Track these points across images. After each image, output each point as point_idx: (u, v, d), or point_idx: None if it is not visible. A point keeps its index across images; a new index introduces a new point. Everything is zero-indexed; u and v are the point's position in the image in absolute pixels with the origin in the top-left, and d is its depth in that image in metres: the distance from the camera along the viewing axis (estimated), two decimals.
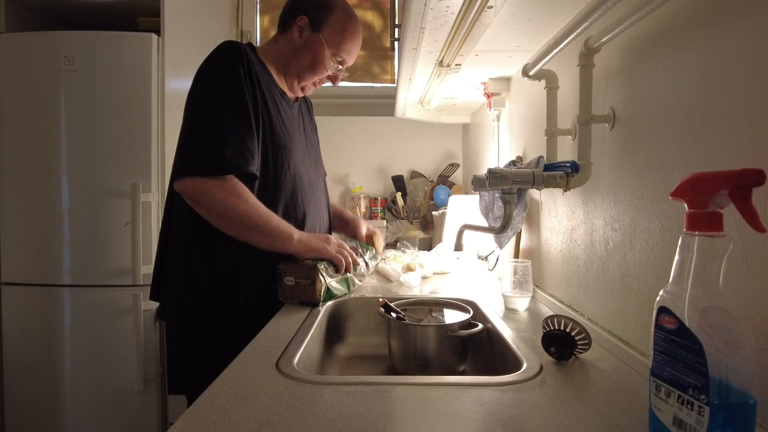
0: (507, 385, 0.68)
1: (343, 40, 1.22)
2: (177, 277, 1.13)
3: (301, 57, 1.21)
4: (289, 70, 1.24)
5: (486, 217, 1.45)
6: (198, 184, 1.03)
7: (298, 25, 1.21)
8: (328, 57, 1.21)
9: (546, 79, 1.08)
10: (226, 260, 1.11)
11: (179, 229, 1.14)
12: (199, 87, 1.10)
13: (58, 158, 1.86)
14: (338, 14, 1.22)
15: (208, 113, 1.06)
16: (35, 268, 1.89)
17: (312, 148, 1.34)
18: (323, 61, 1.22)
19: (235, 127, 1.05)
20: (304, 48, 1.21)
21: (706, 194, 0.45)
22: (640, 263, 0.78)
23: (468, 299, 1.18)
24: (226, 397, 0.64)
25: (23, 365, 1.91)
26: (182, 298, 1.12)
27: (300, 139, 1.26)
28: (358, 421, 0.57)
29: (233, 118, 1.06)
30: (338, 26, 1.21)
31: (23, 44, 1.87)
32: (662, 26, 0.72)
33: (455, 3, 1.00)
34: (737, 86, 0.57)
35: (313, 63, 1.22)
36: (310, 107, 1.44)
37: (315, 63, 1.22)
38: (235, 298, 1.11)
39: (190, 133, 1.07)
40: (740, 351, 0.43)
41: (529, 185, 0.99)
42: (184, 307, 1.12)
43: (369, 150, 2.61)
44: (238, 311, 1.10)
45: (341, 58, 1.24)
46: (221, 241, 1.09)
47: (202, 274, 1.10)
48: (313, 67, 1.22)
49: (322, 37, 1.20)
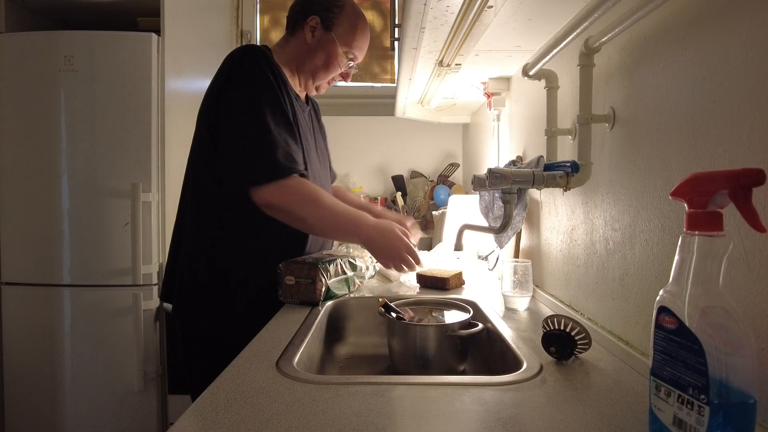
0: (507, 385, 0.68)
1: (354, 37, 1.24)
2: (196, 275, 1.14)
3: (314, 57, 1.23)
4: (302, 71, 1.25)
5: (486, 216, 1.45)
6: (276, 190, 1.05)
7: (309, 25, 1.22)
8: (341, 55, 1.23)
9: (546, 78, 1.08)
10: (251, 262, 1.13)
11: (200, 229, 1.15)
12: (233, 91, 1.09)
13: (58, 158, 1.86)
14: (348, 12, 1.24)
15: (261, 118, 1.06)
16: (35, 268, 1.89)
17: (320, 151, 1.35)
18: (337, 59, 1.23)
19: (285, 128, 1.08)
20: (318, 48, 1.22)
21: (706, 194, 0.45)
22: (640, 263, 0.78)
23: (468, 299, 1.18)
24: (226, 396, 0.64)
25: (23, 365, 1.91)
26: (200, 295, 1.13)
27: (312, 142, 1.27)
28: (358, 421, 0.57)
29: (276, 121, 1.08)
30: (349, 24, 1.23)
31: (23, 44, 1.87)
32: (662, 26, 0.72)
33: (455, 3, 1.00)
34: (737, 86, 0.57)
35: (327, 62, 1.23)
36: (317, 110, 1.45)
37: (329, 62, 1.23)
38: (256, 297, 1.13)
39: (251, 140, 1.06)
40: (740, 351, 0.43)
41: (529, 185, 0.99)
42: (203, 304, 1.13)
43: (369, 150, 2.61)
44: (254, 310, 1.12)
45: (353, 54, 1.26)
46: (246, 246, 1.12)
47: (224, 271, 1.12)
48: (327, 66, 1.24)
49: (335, 35, 1.21)
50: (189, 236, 1.17)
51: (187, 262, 1.15)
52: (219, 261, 1.13)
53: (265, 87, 1.09)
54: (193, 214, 1.16)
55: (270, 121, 1.07)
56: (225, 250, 1.13)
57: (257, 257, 1.14)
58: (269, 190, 1.06)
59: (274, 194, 1.06)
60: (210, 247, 1.14)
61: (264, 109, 1.07)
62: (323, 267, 1.12)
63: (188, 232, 1.17)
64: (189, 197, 1.18)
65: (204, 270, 1.13)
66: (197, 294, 1.14)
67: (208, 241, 1.14)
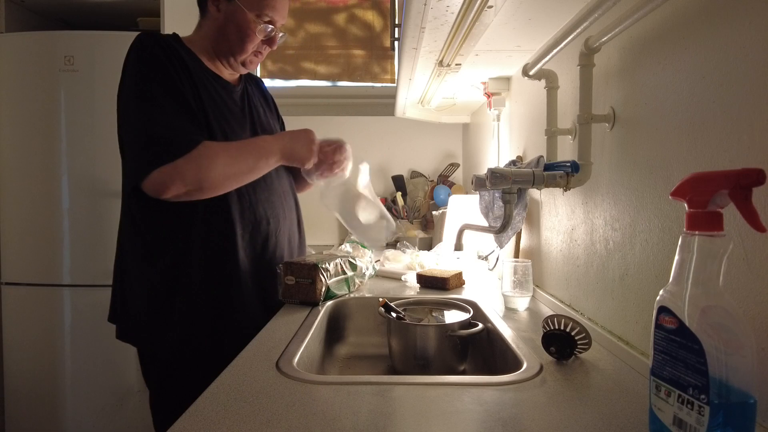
0: (507, 384, 0.68)
1: None
2: (145, 291, 1.07)
3: (226, 32, 1.15)
4: (220, 50, 1.17)
5: (486, 216, 1.45)
6: (169, 170, 0.98)
7: (212, 2, 1.15)
8: (252, 20, 1.13)
9: (546, 78, 1.08)
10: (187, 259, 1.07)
11: (137, 239, 1.09)
12: (125, 81, 1.06)
13: (58, 158, 1.87)
14: None
15: (144, 105, 1.02)
16: (35, 268, 1.89)
17: (262, 132, 1.24)
18: (249, 26, 1.13)
19: (173, 107, 1.02)
20: (226, 21, 1.14)
21: (706, 194, 0.45)
22: (640, 263, 0.78)
23: (468, 299, 1.18)
24: (226, 396, 0.64)
25: (23, 365, 1.91)
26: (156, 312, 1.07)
27: (244, 124, 1.18)
28: (358, 421, 0.57)
29: (169, 101, 1.02)
30: None
31: (23, 44, 1.87)
32: (662, 26, 0.72)
33: (455, 3, 1.00)
34: (737, 86, 0.57)
35: (239, 33, 1.14)
36: (259, 84, 1.37)
37: (242, 32, 1.14)
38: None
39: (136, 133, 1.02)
40: (740, 351, 0.43)
41: (529, 185, 0.99)
42: (157, 321, 1.07)
43: (369, 150, 2.61)
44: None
45: (268, 17, 1.14)
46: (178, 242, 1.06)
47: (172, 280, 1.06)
48: (242, 38, 1.14)
49: (239, 2, 1.12)
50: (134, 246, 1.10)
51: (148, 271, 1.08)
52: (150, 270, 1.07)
53: (155, 69, 1.03)
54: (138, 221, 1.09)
55: (161, 103, 1.01)
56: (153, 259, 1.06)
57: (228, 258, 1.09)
58: (159, 173, 0.98)
59: (167, 175, 0.98)
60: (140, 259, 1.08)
61: (153, 93, 1.02)
62: (323, 267, 1.12)
63: (132, 240, 1.11)
64: (133, 206, 1.10)
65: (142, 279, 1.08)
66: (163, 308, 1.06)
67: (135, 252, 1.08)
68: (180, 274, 1.06)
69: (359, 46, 2.72)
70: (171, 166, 0.98)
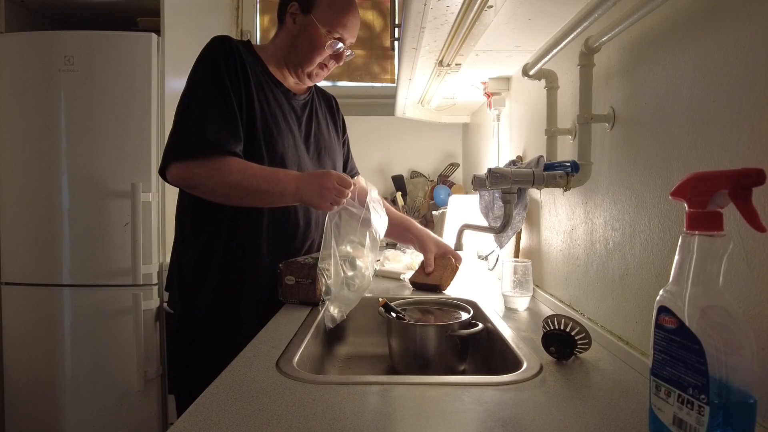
0: (507, 384, 0.68)
1: (336, 15, 1.19)
2: (189, 265, 1.16)
3: (298, 43, 1.20)
4: (290, 60, 1.23)
5: (486, 216, 1.45)
6: (183, 168, 1.05)
7: (290, 13, 1.21)
8: (323, 35, 1.19)
9: (546, 78, 1.08)
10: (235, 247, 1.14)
11: (187, 218, 1.17)
12: (189, 75, 1.13)
13: (58, 158, 1.86)
14: None
15: (188, 100, 1.09)
16: (35, 268, 1.89)
17: (316, 143, 1.30)
18: (319, 40, 1.19)
19: (213, 107, 1.07)
20: (300, 33, 1.20)
21: (706, 194, 0.45)
22: (640, 263, 0.77)
23: (468, 299, 1.18)
24: (226, 396, 0.64)
25: (23, 365, 1.91)
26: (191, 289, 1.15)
27: (293, 130, 1.22)
28: (358, 421, 0.57)
29: (211, 100, 1.07)
30: (328, 3, 1.19)
31: (23, 44, 1.87)
32: (662, 26, 0.72)
33: (455, 3, 1.00)
34: (737, 86, 0.57)
35: (310, 46, 1.19)
36: (330, 102, 1.44)
37: (312, 45, 1.19)
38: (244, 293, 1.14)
39: (174, 124, 1.09)
40: (740, 351, 0.43)
41: (529, 185, 0.99)
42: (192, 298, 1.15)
43: (369, 150, 2.61)
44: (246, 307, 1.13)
45: (338, 34, 1.20)
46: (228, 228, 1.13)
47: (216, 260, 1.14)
48: (312, 50, 1.20)
49: (314, 17, 1.18)
50: (186, 225, 1.18)
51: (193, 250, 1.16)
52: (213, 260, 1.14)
53: (208, 71, 1.09)
54: (188, 211, 1.17)
55: (203, 100, 1.07)
56: (220, 246, 1.14)
57: (251, 253, 1.14)
58: (176, 167, 1.06)
59: (181, 171, 1.06)
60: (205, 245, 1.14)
61: (201, 91, 1.08)
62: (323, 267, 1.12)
63: (184, 228, 1.18)
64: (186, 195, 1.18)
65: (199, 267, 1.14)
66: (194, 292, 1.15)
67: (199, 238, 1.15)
68: (212, 254, 1.13)
69: (359, 46, 2.72)
70: (184, 164, 1.05)
